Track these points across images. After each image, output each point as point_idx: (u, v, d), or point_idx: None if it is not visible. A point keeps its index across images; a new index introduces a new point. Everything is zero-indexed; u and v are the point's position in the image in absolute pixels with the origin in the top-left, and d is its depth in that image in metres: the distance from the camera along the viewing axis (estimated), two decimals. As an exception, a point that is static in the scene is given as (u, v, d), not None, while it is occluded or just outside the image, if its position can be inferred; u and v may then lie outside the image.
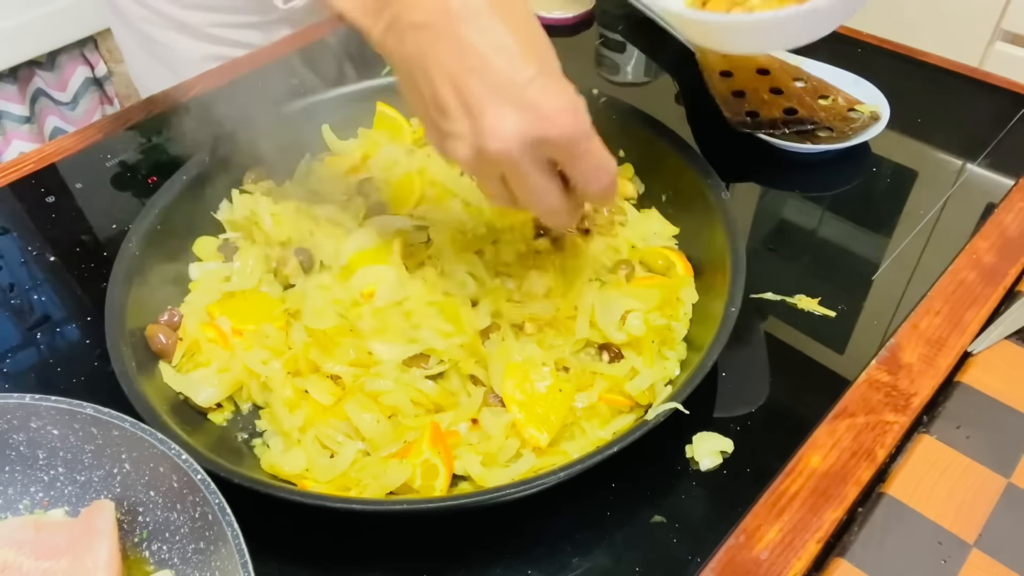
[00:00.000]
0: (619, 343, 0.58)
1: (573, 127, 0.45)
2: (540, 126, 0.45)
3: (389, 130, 0.77)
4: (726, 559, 0.50)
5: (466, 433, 0.55)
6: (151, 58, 1.00)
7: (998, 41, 1.55)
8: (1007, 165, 0.77)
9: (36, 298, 0.69)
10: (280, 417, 0.56)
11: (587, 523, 0.52)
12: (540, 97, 0.44)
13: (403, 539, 0.52)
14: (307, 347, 0.58)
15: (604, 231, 0.67)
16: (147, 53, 1.01)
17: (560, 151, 0.47)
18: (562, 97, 0.45)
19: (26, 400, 0.48)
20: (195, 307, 0.63)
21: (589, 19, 1.03)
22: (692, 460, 0.55)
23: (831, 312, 0.65)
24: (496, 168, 0.47)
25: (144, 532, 0.48)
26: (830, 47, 0.94)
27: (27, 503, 0.50)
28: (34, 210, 0.77)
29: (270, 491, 0.48)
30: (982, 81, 0.88)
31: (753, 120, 0.78)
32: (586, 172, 0.48)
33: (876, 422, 0.57)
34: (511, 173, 0.48)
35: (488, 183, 0.50)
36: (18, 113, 1.71)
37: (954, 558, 0.49)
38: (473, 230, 0.65)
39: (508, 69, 0.44)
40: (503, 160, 0.46)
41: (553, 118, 0.45)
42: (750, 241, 0.72)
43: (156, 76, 1.01)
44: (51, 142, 0.85)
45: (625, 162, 0.74)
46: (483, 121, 0.44)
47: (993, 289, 0.66)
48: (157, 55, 0.99)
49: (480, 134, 0.45)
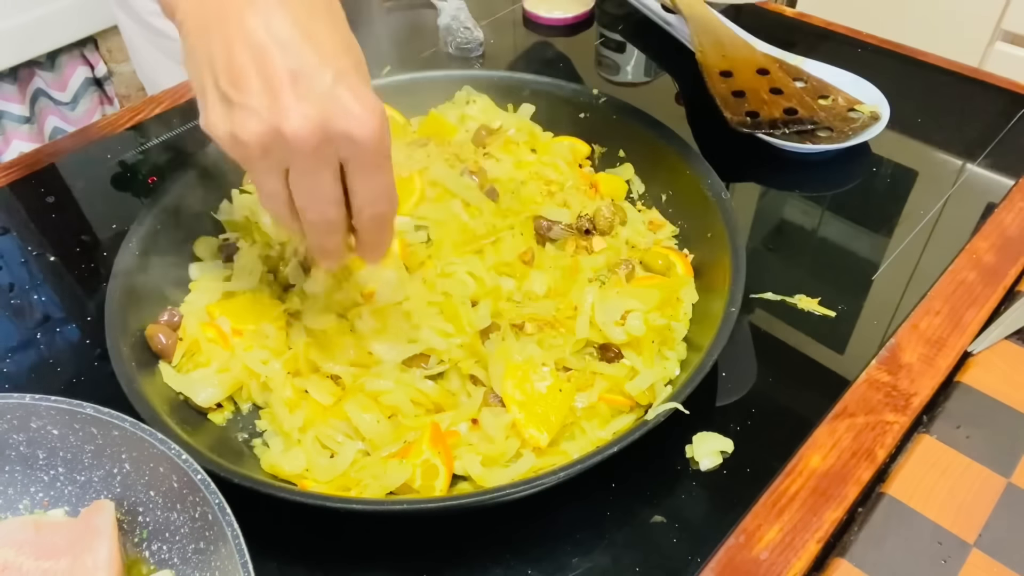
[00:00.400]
0: (619, 343, 0.58)
1: (379, 132, 0.43)
2: (346, 121, 0.42)
3: (389, 130, 0.77)
4: (726, 559, 0.50)
5: (466, 433, 0.55)
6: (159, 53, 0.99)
7: (998, 41, 1.55)
8: (1007, 165, 0.77)
9: (36, 298, 0.69)
10: (280, 417, 0.56)
11: (587, 523, 0.52)
12: (352, 94, 0.42)
13: (403, 539, 0.52)
14: (307, 347, 0.58)
15: (604, 231, 0.67)
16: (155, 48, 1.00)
17: (358, 155, 0.44)
18: (373, 101, 0.43)
19: (26, 400, 0.48)
20: (195, 307, 0.63)
21: (589, 19, 1.03)
22: (692, 460, 0.55)
23: (831, 312, 0.65)
24: (283, 156, 0.43)
25: (144, 532, 0.48)
26: (830, 47, 0.94)
27: (27, 503, 0.50)
28: (34, 210, 0.77)
29: (270, 491, 0.48)
30: (982, 81, 0.88)
31: (753, 120, 0.78)
32: (374, 190, 0.46)
33: (876, 422, 0.57)
34: (300, 165, 0.44)
35: (266, 176, 0.45)
36: (18, 113, 1.71)
37: (954, 558, 0.49)
38: (473, 230, 0.65)
39: (323, 57, 0.42)
40: (298, 146, 0.42)
41: (362, 117, 0.42)
42: (750, 241, 0.72)
43: (165, 71, 1.00)
44: (51, 142, 0.85)
45: (625, 162, 0.75)
46: (285, 100, 0.41)
47: (993, 289, 0.66)
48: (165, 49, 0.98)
49: (281, 112, 0.41)
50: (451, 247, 0.63)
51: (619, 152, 0.75)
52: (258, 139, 0.42)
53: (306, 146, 0.42)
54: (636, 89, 0.95)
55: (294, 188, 0.45)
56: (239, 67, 0.42)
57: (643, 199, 0.73)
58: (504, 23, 1.04)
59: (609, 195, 0.72)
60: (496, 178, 0.70)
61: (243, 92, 0.42)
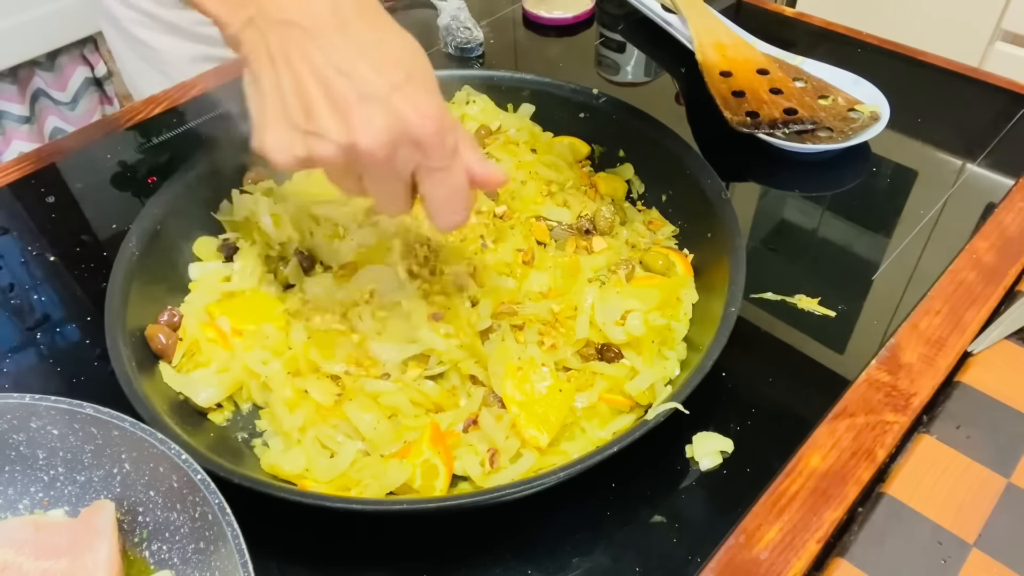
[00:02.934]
0: (619, 343, 0.58)
1: (437, 129, 0.46)
2: (405, 126, 0.45)
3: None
4: (726, 559, 0.50)
5: (466, 433, 0.55)
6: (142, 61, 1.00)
7: (998, 41, 1.55)
8: (1007, 165, 0.77)
9: (36, 298, 0.69)
10: (280, 417, 0.56)
11: (587, 523, 0.52)
12: (410, 103, 0.45)
13: (403, 539, 0.52)
14: (307, 347, 0.58)
15: (604, 231, 0.67)
16: (138, 57, 1.01)
17: (424, 158, 0.47)
18: (429, 104, 0.46)
19: (26, 400, 0.48)
20: (195, 307, 0.63)
21: (589, 19, 1.03)
22: (692, 460, 0.55)
23: (831, 312, 0.65)
24: (358, 166, 0.48)
25: (144, 532, 0.48)
26: (830, 47, 0.94)
27: (27, 503, 0.50)
28: (34, 210, 0.77)
29: (270, 491, 0.48)
30: (982, 81, 0.88)
31: (753, 120, 0.78)
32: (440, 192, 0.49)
33: (876, 422, 0.57)
34: (374, 174, 0.48)
35: (345, 180, 0.50)
36: (18, 113, 1.71)
37: (954, 558, 0.49)
38: (473, 230, 0.65)
39: (382, 73, 0.45)
40: (371, 160, 0.46)
41: (416, 120, 0.45)
42: (750, 241, 0.72)
43: (147, 80, 1.01)
44: (51, 142, 0.85)
45: (625, 162, 0.74)
46: (352, 119, 0.45)
47: (993, 289, 0.66)
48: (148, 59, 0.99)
49: (351, 131, 0.45)
50: (451, 247, 0.63)
51: (619, 152, 0.75)
52: (333, 157, 0.46)
53: (378, 158, 0.46)
54: (636, 89, 0.95)
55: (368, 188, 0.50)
56: (309, 98, 0.45)
57: (643, 199, 0.73)
58: (504, 23, 1.04)
59: (609, 195, 0.72)
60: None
61: (315, 120, 0.45)
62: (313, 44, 0.45)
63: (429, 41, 1.00)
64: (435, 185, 0.48)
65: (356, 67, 0.45)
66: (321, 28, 0.45)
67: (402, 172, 0.48)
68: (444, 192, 0.49)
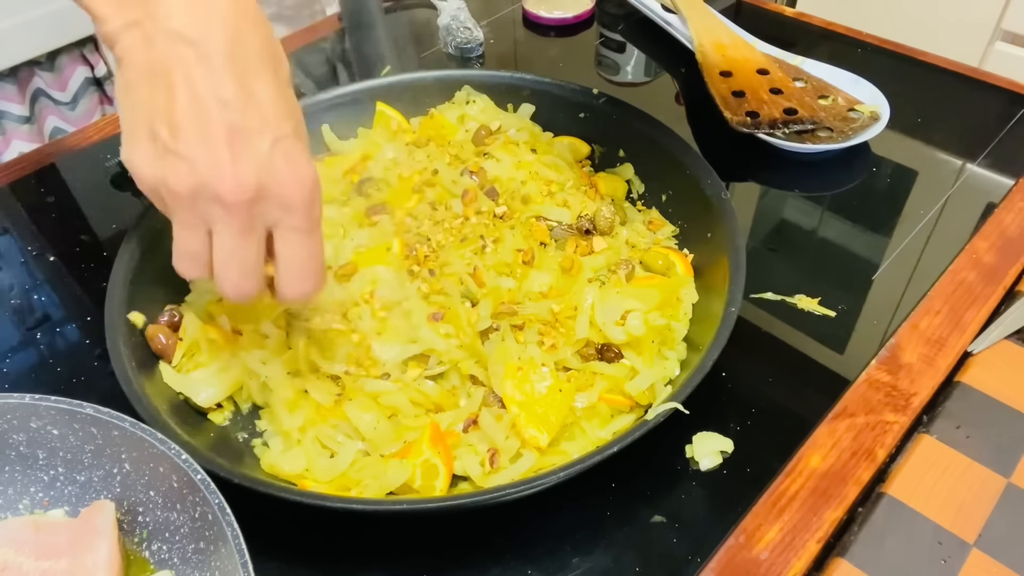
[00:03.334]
0: (619, 343, 0.58)
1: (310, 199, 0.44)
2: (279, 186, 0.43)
3: (389, 130, 0.77)
4: (726, 559, 0.50)
5: (466, 433, 0.55)
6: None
7: (998, 41, 1.55)
8: (1007, 165, 0.77)
9: (36, 298, 0.69)
10: (280, 417, 0.56)
11: (587, 523, 0.52)
12: (287, 160, 0.44)
13: (403, 539, 0.52)
14: (307, 347, 0.58)
15: (604, 231, 0.67)
16: None
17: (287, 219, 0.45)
18: (308, 168, 0.44)
19: (26, 400, 0.48)
20: (195, 307, 0.63)
21: (589, 19, 1.03)
22: (692, 460, 0.55)
23: (831, 312, 0.65)
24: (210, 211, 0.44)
25: (144, 532, 0.48)
26: (830, 47, 0.95)
27: (27, 503, 0.50)
28: (34, 210, 0.77)
29: (270, 491, 0.48)
30: (982, 81, 0.88)
31: (753, 120, 0.78)
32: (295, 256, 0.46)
33: (876, 422, 0.57)
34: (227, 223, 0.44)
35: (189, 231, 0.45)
36: (18, 113, 1.71)
37: (954, 558, 0.49)
38: (473, 229, 0.65)
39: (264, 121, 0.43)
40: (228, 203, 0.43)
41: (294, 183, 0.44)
42: (750, 241, 0.72)
43: None
44: (51, 142, 0.86)
45: (625, 162, 0.74)
46: (220, 156, 0.42)
47: (993, 289, 0.66)
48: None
49: (215, 167, 0.42)
50: (451, 247, 0.63)
51: (619, 152, 0.75)
52: (188, 189, 0.43)
53: (237, 204, 0.43)
54: (636, 89, 0.95)
55: (214, 247, 0.45)
56: (180, 117, 0.42)
57: (643, 199, 0.73)
58: (504, 23, 1.04)
59: (609, 195, 0.72)
60: (496, 178, 0.70)
61: (180, 141, 0.42)
62: (200, 69, 0.42)
63: (429, 41, 1.00)
64: (295, 247, 0.46)
65: (243, 106, 0.42)
66: (214, 55, 0.42)
67: (258, 227, 0.44)
68: (303, 256, 0.46)
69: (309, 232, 0.46)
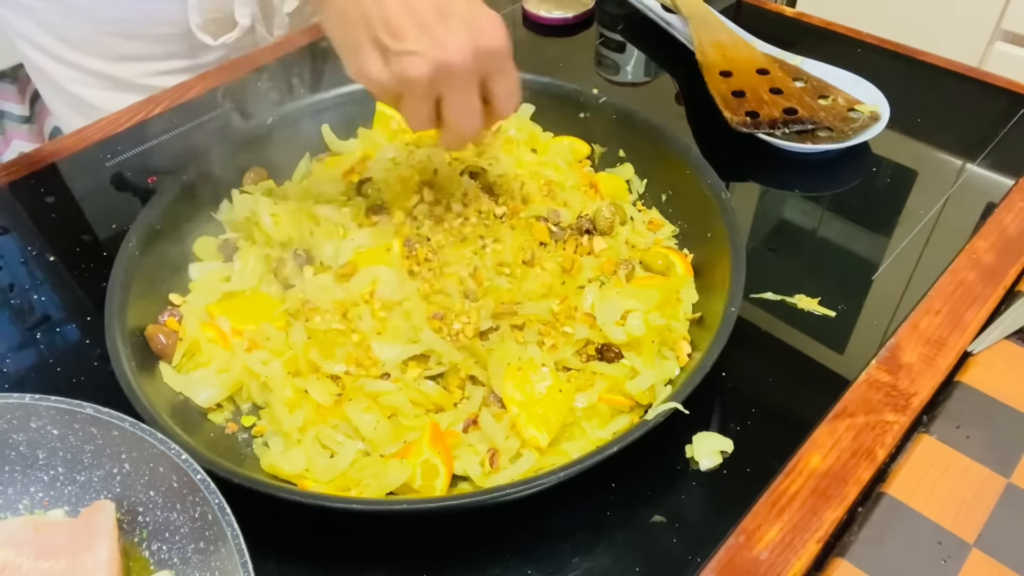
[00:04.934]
0: (619, 343, 0.58)
1: (508, 41, 0.54)
2: (484, 39, 0.52)
3: (389, 130, 0.77)
4: (726, 559, 0.50)
5: (466, 433, 0.55)
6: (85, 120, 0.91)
7: (998, 41, 1.56)
8: (1007, 165, 0.77)
9: (36, 298, 0.69)
10: (280, 417, 0.56)
11: (587, 523, 0.52)
12: (484, 16, 0.53)
13: (403, 539, 0.52)
14: (307, 347, 0.58)
15: (604, 231, 0.67)
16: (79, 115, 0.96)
17: (496, 63, 0.54)
18: (495, 19, 0.54)
19: (26, 400, 0.48)
20: (195, 307, 0.63)
21: (589, 19, 1.03)
22: (692, 460, 0.55)
23: (831, 312, 0.65)
24: (441, 84, 0.53)
25: (144, 532, 0.48)
26: (830, 47, 0.95)
27: (27, 503, 0.50)
28: (34, 210, 0.77)
29: (270, 491, 0.48)
30: (982, 81, 0.88)
31: (753, 120, 0.78)
32: (507, 87, 0.56)
33: (876, 422, 0.57)
34: (456, 86, 0.53)
35: (422, 105, 0.54)
36: (18, 113, 1.71)
37: (954, 558, 0.49)
38: (473, 229, 0.65)
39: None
40: (459, 70, 0.52)
41: (493, 33, 0.53)
42: (750, 241, 0.72)
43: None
44: (51, 142, 0.85)
45: (625, 162, 0.75)
46: (439, 36, 0.51)
47: (993, 289, 0.66)
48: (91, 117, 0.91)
49: (440, 47, 0.51)
50: (451, 247, 0.63)
51: (619, 152, 0.75)
52: (426, 75, 0.52)
53: (464, 69, 0.52)
54: (636, 89, 0.95)
55: (447, 109, 0.55)
56: (397, 21, 0.51)
57: (643, 199, 0.73)
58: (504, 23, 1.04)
59: (609, 195, 0.72)
60: (496, 178, 0.70)
61: (405, 40, 0.51)
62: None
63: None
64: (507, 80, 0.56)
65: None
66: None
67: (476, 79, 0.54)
68: (511, 85, 0.56)
69: (512, 68, 0.56)
